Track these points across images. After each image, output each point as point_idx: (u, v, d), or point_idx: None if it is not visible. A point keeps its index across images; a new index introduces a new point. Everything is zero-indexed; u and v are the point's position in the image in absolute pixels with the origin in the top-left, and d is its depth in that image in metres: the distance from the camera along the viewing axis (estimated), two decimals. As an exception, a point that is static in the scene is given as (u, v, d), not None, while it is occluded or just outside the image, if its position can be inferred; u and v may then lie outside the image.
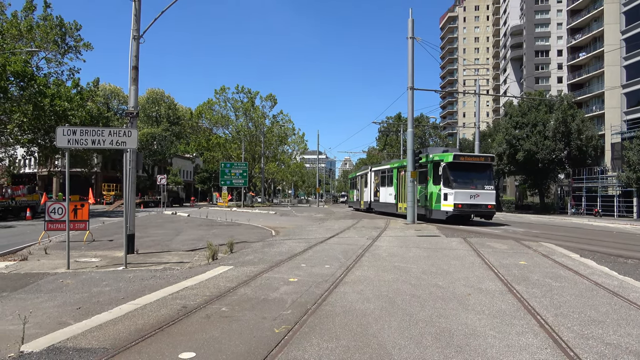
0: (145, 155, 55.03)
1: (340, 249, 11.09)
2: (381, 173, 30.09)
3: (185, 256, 10.11)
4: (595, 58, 55.76)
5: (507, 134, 42.21)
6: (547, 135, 40.34)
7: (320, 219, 25.25)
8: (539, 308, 5.63)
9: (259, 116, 54.12)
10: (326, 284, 6.92)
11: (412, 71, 21.23)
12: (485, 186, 20.56)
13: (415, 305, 5.72)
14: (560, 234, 17.15)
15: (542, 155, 39.86)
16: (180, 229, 17.60)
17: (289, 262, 8.97)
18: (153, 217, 26.42)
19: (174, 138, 58.74)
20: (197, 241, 13.10)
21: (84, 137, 8.58)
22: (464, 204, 19.97)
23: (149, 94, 59.57)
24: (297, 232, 16.44)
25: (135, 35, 10.81)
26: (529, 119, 41.91)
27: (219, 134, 57.36)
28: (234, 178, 46.05)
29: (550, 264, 9.09)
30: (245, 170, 46.75)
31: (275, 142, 58.75)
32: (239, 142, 53.77)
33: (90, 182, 53.34)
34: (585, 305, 5.86)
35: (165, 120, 59.56)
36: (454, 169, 20.34)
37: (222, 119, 54.00)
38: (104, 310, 5.50)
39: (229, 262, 9.11)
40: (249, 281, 7.11)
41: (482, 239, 13.68)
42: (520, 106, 44.94)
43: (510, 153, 42.16)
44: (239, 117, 55.11)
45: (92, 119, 29.57)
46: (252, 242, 12.89)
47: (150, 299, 5.98)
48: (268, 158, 60.35)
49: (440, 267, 8.62)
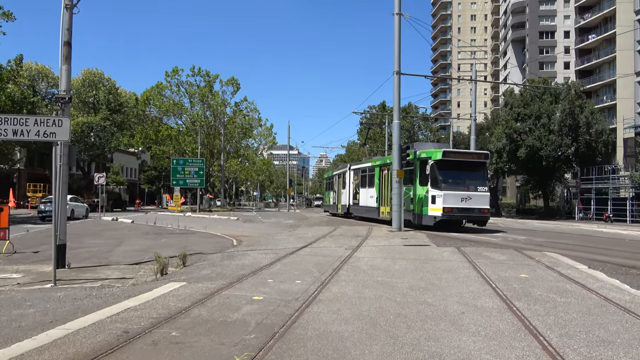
0: (80, 150, 53.85)
1: (314, 261, 11.13)
2: (361, 172, 30.24)
3: (128, 271, 9.99)
4: (606, 41, 57.63)
5: (507, 127, 43.18)
6: (553, 128, 41.46)
7: (290, 226, 25.25)
8: (541, 328, 5.78)
9: (219, 103, 53.64)
10: (297, 302, 6.93)
11: (398, 53, 21.38)
12: (479, 187, 20.82)
13: (401, 327, 5.79)
14: (566, 242, 17.64)
15: (546, 152, 40.92)
16: (123, 238, 17.39)
17: (253, 277, 8.95)
18: (89, 224, 25.98)
19: (115, 129, 57.59)
20: (143, 253, 12.97)
21: (3, 126, 8.37)
22: (453, 208, 20.15)
23: (85, 75, 58.28)
24: (264, 241, 16.42)
25: (68, 4, 10.53)
26: (532, 110, 43.00)
27: (170, 124, 56.52)
28: (188, 177, 45.53)
29: (555, 277, 9.36)
30: (202, 168, 46.30)
31: (238, 135, 58.33)
32: (195, 135, 53.15)
33: (12, 181, 51.82)
34: (594, 323, 6.04)
35: (104, 107, 58.33)
36: (444, 168, 20.58)
37: (174, 106, 53.27)
38: (27, 337, 5.34)
39: (180, 277, 9.05)
40: (204, 300, 7.07)
41: (478, 249, 13.97)
42: (522, 95, 46.07)
43: (510, 149, 43.13)
44: (195, 104, 54.46)
45: (13, 105, 28.81)
46: (210, 253, 12.82)
47: (85, 323, 5.86)
48: (229, 153, 59.91)
49: (430, 281, 8.76)
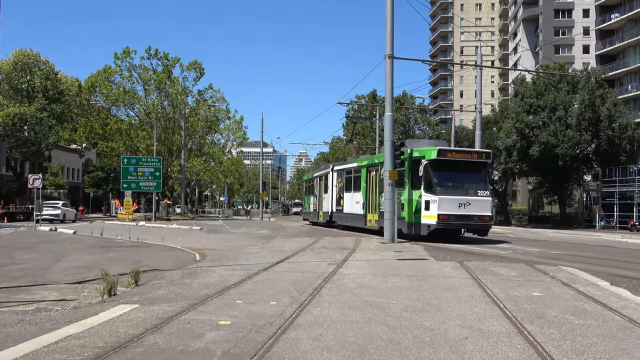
0: (11, 146, 53.01)
1: (292, 278, 11.13)
2: (346, 174, 30.37)
3: (70, 291, 9.86)
4: (632, 21, 58.75)
5: (518, 121, 43.73)
6: (570, 122, 42.06)
7: (264, 237, 25.21)
8: (557, 355, 5.84)
9: (179, 92, 53.35)
10: (271, 327, 6.90)
11: (391, 33, 21.49)
12: (479, 192, 21.13)
13: (394, 355, 5.79)
14: (585, 254, 17.89)
15: (562, 150, 41.50)
16: (63, 252, 17.11)
17: (219, 298, 8.90)
18: (23, 235, 25.61)
19: (54, 121, 56.87)
20: (87, 270, 12.79)
21: None
22: (450, 215, 20.36)
23: (18, 57, 57.45)
24: (232, 255, 16.37)
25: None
26: (546, 101, 43.60)
27: (120, 116, 56.11)
28: (142, 180, 45.13)
29: (573, 295, 9.49)
30: (159, 168, 45.97)
31: (202, 129, 58.04)
32: (150, 129, 52.75)
33: None
34: (617, 349, 6.13)
35: (41, 95, 57.59)
36: (439, 169, 20.86)
37: (125, 94, 52.79)
38: (-55, 373, 5.25)
39: (132, 298, 8.95)
40: (161, 326, 7.00)
41: (484, 263, 14.12)
42: (535, 84, 46.69)
43: (521, 146, 43.67)
44: (150, 92, 54.07)
45: None
46: (167, 270, 12.71)
47: (16, 354, 5.74)
48: (191, 151, 59.58)
49: (428, 301, 8.82)
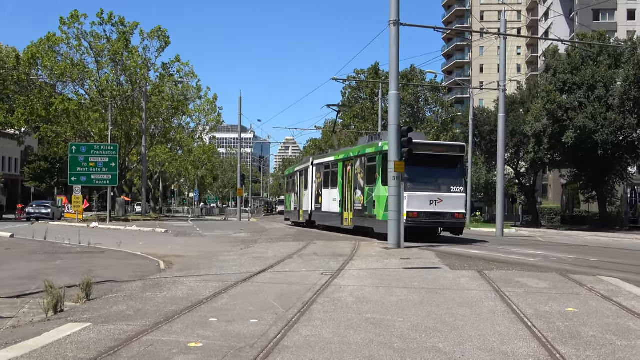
0: None
1: (278, 291, 11.11)
2: (324, 168, 32.79)
3: (6, 307, 9.80)
4: (686, -18, 58.98)
5: (550, 102, 43.76)
6: (612, 103, 42.11)
7: (243, 241, 25.22)
8: (595, 383, 5.88)
9: (139, 65, 53.10)
10: (252, 350, 6.89)
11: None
12: (452, 187, 23.97)
13: (400, 384, 5.81)
14: (629, 262, 17.99)
15: (603, 137, 41.55)
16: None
17: (189, 316, 8.88)
18: (-52, 240, 25.44)
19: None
20: (28, 281, 12.72)
21: None
22: (421, 213, 23.08)
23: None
24: (204, 263, 16.34)
25: None
26: (583, 78, 43.64)
27: (67, 94, 55.83)
28: (94, 171, 44.94)
29: (614, 311, 9.52)
30: (115, 158, 45.79)
31: (167, 110, 57.78)
32: (104, 110, 52.55)
33: None
34: (667, 376, 6.18)
35: (-30, 69, 57.37)
36: (408, 163, 22.40)
37: (74, 68, 52.44)
38: None
39: (83, 316, 8.90)
40: (118, 349, 6.96)
41: (508, 273, 14.14)
42: (570, 56, 46.73)
43: (553, 132, 43.72)
44: (104, 65, 53.91)
45: None
46: (126, 281, 12.68)
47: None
48: (154, 137, 59.36)
49: (441, 318, 8.81)
